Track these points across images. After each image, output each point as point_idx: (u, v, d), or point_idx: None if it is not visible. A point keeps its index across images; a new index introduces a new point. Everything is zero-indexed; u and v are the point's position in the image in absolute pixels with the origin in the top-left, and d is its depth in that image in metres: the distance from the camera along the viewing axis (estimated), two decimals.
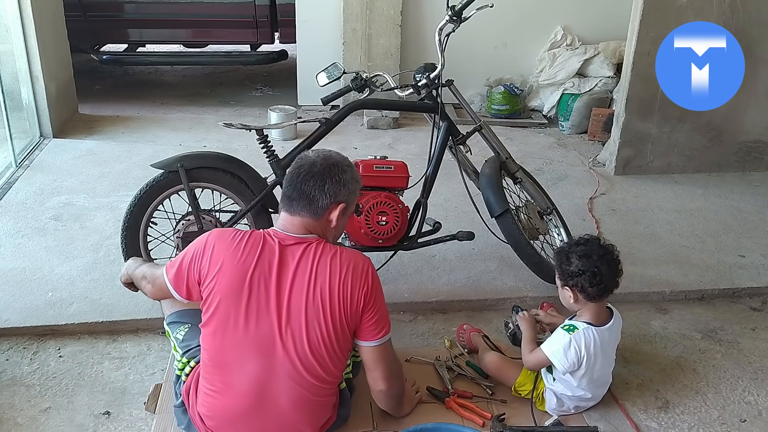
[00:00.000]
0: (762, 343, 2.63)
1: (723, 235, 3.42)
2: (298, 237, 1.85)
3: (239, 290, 1.78)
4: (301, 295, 1.78)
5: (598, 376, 2.13)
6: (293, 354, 1.78)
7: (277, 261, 1.80)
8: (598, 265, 2.06)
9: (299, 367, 1.79)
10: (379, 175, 2.61)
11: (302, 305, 1.78)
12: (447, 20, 2.62)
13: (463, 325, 2.55)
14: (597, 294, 2.08)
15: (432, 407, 2.18)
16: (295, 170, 1.88)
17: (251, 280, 1.78)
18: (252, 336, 1.78)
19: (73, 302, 2.65)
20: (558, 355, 2.07)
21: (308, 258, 1.82)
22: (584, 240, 2.15)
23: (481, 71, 5.16)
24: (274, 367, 1.79)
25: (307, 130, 2.90)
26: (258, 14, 5.24)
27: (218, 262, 1.80)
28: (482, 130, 2.80)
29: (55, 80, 4.40)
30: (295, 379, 1.80)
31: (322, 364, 1.81)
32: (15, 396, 2.21)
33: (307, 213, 1.85)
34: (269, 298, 1.78)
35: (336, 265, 1.81)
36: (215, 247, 1.82)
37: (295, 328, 1.78)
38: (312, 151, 1.94)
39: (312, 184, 1.84)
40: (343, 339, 1.84)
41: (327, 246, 1.86)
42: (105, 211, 3.41)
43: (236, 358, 1.80)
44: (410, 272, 2.93)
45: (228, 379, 1.82)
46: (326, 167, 1.86)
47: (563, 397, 2.15)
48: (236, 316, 1.78)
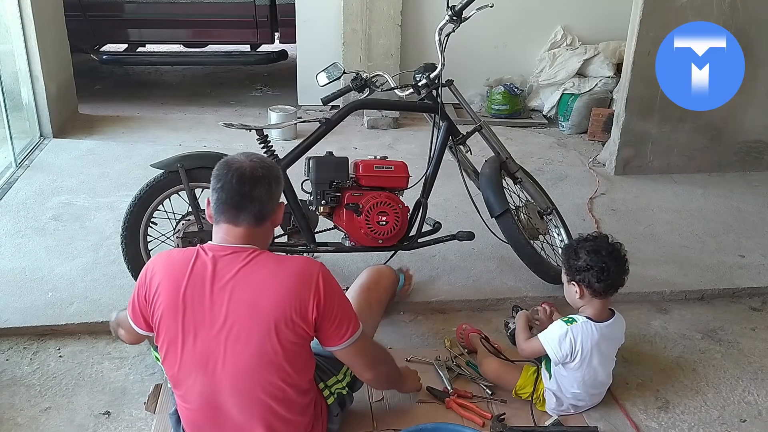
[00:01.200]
0: (762, 343, 2.63)
1: (723, 235, 3.42)
2: (236, 247, 1.72)
3: (175, 308, 1.70)
4: (239, 308, 1.67)
5: (594, 374, 2.13)
6: (235, 370, 1.69)
7: (209, 275, 1.69)
8: (607, 261, 2.08)
9: (242, 383, 1.70)
10: (379, 175, 2.61)
11: (242, 319, 1.67)
12: (447, 20, 2.62)
13: (463, 325, 2.55)
14: (603, 290, 2.09)
15: (432, 407, 2.19)
16: (232, 176, 1.71)
17: (184, 296, 1.68)
18: (192, 353, 1.71)
19: (73, 302, 2.65)
20: (552, 343, 2.08)
21: (248, 268, 1.69)
22: (593, 236, 2.16)
23: (481, 71, 5.16)
24: (217, 383, 1.71)
25: (307, 130, 2.89)
26: (258, 14, 5.23)
27: (156, 284, 1.72)
28: (482, 130, 2.80)
29: (55, 80, 4.40)
30: (242, 395, 1.71)
31: (270, 380, 1.70)
32: (15, 396, 2.21)
33: (253, 220, 1.73)
34: (203, 314, 1.68)
35: (280, 275, 1.69)
36: (154, 270, 1.75)
37: (235, 343, 1.67)
38: (237, 155, 1.79)
39: (261, 188, 1.72)
40: (295, 354, 1.72)
41: (268, 254, 1.74)
42: (105, 211, 3.41)
43: (184, 376, 1.74)
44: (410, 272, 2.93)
45: (185, 395, 1.77)
46: (265, 168, 1.75)
47: (561, 397, 2.15)
48: (175, 334, 1.71)
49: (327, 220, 2.69)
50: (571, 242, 2.21)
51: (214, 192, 1.74)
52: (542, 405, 2.19)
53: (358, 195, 2.59)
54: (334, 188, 2.58)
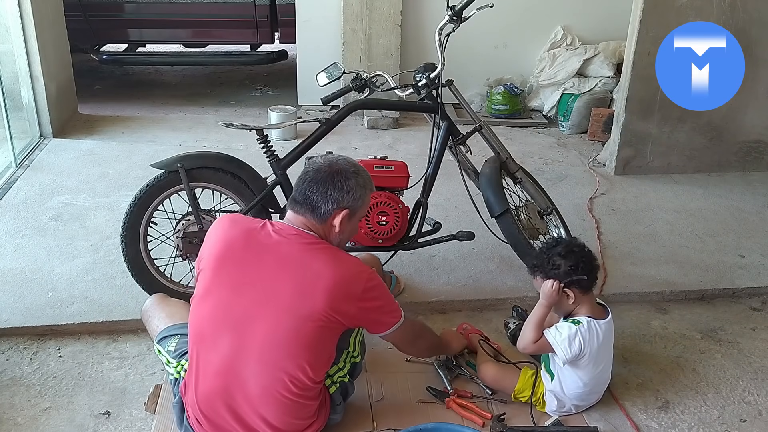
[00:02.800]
0: (762, 343, 2.63)
1: (723, 235, 3.42)
2: (300, 230, 1.86)
3: (225, 260, 1.83)
4: (291, 285, 1.78)
5: (600, 370, 2.14)
6: (269, 338, 1.78)
7: (273, 244, 1.82)
8: (580, 255, 2.14)
9: (270, 354, 1.79)
10: (379, 175, 2.60)
11: (292, 296, 1.77)
12: (447, 20, 2.62)
13: (463, 325, 2.55)
14: (591, 282, 2.15)
15: (432, 407, 2.19)
16: (302, 176, 1.91)
17: (239, 253, 1.82)
18: (229, 309, 1.80)
19: (73, 302, 2.65)
20: (563, 344, 2.07)
21: (304, 252, 1.82)
22: (554, 242, 2.24)
23: (481, 71, 5.15)
24: (246, 346, 1.80)
25: (307, 130, 2.90)
26: (258, 14, 5.23)
27: (213, 237, 1.87)
28: (482, 130, 2.80)
29: (55, 80, 4.40)
30: (267, 365, 1.79)
31: (292, 359, 1.79)
32: (15, 396, 2.21)
33: (311, 216, 1.88)
34: (253, 277, 1.80)
35: (336, 269, 1.80)
36: (216, 227, 1.91)
37: (278, 314, 1.78)
38: (320, 157, 1.96)
39: (315, 190, 1.86)
40: (326, 342, 1.84)
41: (327, 246, 1.86)
42: (105, 211, 3.41)
43: (212, 331, 1.83)
44: (410, 272, 2.93)
45: (204, 356, 1.84)
46: (330, 174, 1.87)
47: (563, 398, 2.15)
48: (218, 286, 1.82)
49: None
50: (540, 260, 2.17)
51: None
52: (542, 407, 2.19)
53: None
54: None
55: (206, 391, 1.85)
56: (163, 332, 2.12)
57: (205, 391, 1.85)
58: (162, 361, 2.12)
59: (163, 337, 2.11)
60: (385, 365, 2.37)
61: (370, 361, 2.37)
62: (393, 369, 2.36)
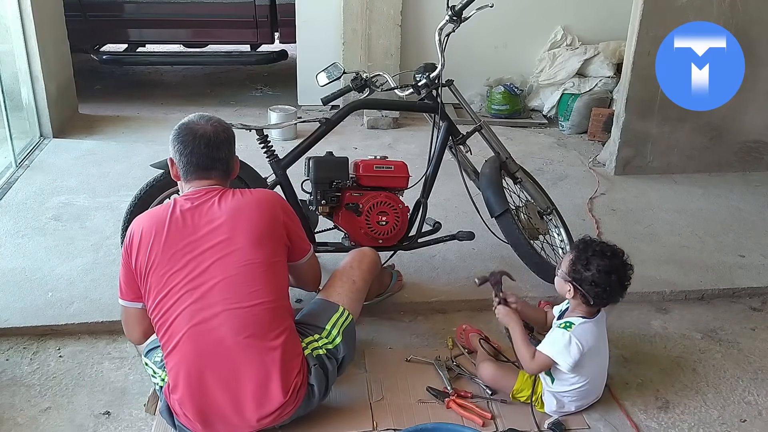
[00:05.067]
0: (762, 343, 2.63)
1: (723, 235, 3.42)
2: (206, 189, 2.00)
3: (162, 251, 1.91)
4: (220, 230, 1.93)
5: (599, 367, 2.16)
6: (225, 281, 1.90)
7: (188, 211, 1.95)
8: (612, 284, 2.08)
9: (232, 293, 1.89)
10: (379, 175, 2.61)
11: (225, 238, 1.92)
12: (447, 20, 2.62)
13: (463, 325, 2.55)
14: (596, 306, 2.12)
15: (432, 407, 2.19)
16: (199, 142, 1.99)
17: (167, 237, 1.91)
18: (181, 281, 1.90)
19: (73, 302, 2.65)
20: (563, 355, 2.06)
21: (221, 200, 1.97)
22: (609, 254, 2.11)
23: (481, 71, 5.15)
24: (210, 300, 1.89)
25: (307, 130, 2.89)
26: (258, 14, 5.23)
27: (138, 239, 1.95)
28: (482, 130, 2.80)
29: (55, 80, 4.40)
30: (234, 307, 1.89)
31: (257, 289, 1.92)
32: (15, 396, 2.21)
33: (220, 174, 2.04)
34: (187, 243, 1.91)
35: (251, 201, 2.00)
36: (133, 230, 1.97)
37: (222, 258, 1.91)
38: (192, 117, 2.05)
39: (223, 150, 2.02)
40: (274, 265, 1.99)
41: (232, 189, 2.04)
42: (105, 211, 3.41)
43: (176, 309, 1.89)
44: (410, 272, 2.93)
45: (172, 329, 1.90)
46: (221, 130, 2.03)
47: (564, 398, 2.15)
48: (165, 271, 1.90)
49: (327, 220, 2.69)
50: (587, 248, 2.12)
51: (182, 156, 2.01)
52: (541, 407, 2.19)
53: (358, 195, 2.59)
54: (334, 188, 2.58)
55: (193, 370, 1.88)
56: (150, 344, 2.09)
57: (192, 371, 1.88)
58: (149, 374, 2.09)
59: (150, 350, 2.09)
60: (385, 365, 2.37)
61: (370, 361, 2.38)
62: (393, 369, 2.36)
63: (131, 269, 1.96)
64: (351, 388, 2.22)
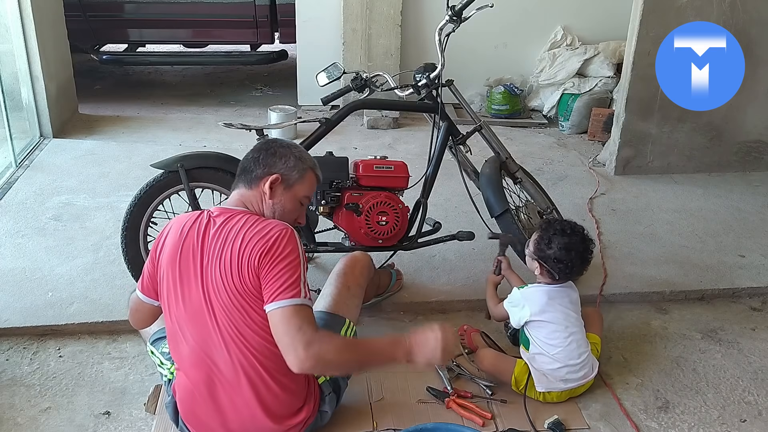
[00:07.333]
0: (762, 343, 2.63)
1: (723, 235, 3.42)
2: (227, 208, 1.88)
3: (174, 263, 1.82)
4: (216, 262, 1.79)
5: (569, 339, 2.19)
6: (221, 321, 1.78)
7: (202, 231, 1.83)
8: (573, 259, 2.23)
9: (228, 335, 1.78)
10: (379, 175, 2.61)
11: (217, 273, 1.78)
12: (447, 20, 2.62)
13: (464, 326, 2.55)
14: (560, 279, 2.27)
15: (432, 407, 2.19)
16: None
17: (182, 252, 1.82)
18: (186, 306, 1.81)
19: (73, 302, 2.65)
20: (515, 308, 2.29)
21: (229, 226, 1.81)
22: (569, 231, 2.26)
23: (481, 71, 5.16)
24: (208, 336, 1.80)
25: (307, 130, 2.89)
26: (258, 14, 5.23)
27: (160, 245, 1.88)
28: (482, 130, 2.80)
29: (55, 80, 4.40)
30: (232, 348, 1.78)
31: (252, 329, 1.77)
32: (15, 396, 2.21)
33: (243, 184, 1.92)
34: (195, 268, 1.81)
35: (250, 229, 1.79)
36: (164, 236, 1.89)
37: (214, 296, 1.78)
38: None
39: (250, 156, 1.95)
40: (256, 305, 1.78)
41: (252, 216, 1.84)
42: (105, 211, 3.41)
43: (180, 330, 1.84)
44: (410, 272, 2.93)
45: (181, 354, 1.86)
46: (265, 143, 2.00)
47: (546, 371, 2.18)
48: (174, 288, 1.82)
49: (327, 220, 2.69)
50: (549, 227, 2.29)
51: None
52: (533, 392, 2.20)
53: (358, 195, 2.59)
54: (334, 188, 2.58)
55: (191, 388, 1.86)
56: (156, 333, 2.10)
57: (190, 388, 1.86)
58: (155, 363, 2.10)
59: (156, 339, 2.10)
60: None
61: None
62: (393, 369, 2.35)
63: (155, 265, 1.89)
64: (351, 388, 2.21)
